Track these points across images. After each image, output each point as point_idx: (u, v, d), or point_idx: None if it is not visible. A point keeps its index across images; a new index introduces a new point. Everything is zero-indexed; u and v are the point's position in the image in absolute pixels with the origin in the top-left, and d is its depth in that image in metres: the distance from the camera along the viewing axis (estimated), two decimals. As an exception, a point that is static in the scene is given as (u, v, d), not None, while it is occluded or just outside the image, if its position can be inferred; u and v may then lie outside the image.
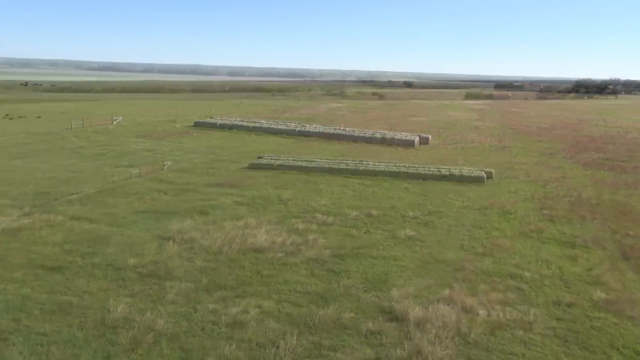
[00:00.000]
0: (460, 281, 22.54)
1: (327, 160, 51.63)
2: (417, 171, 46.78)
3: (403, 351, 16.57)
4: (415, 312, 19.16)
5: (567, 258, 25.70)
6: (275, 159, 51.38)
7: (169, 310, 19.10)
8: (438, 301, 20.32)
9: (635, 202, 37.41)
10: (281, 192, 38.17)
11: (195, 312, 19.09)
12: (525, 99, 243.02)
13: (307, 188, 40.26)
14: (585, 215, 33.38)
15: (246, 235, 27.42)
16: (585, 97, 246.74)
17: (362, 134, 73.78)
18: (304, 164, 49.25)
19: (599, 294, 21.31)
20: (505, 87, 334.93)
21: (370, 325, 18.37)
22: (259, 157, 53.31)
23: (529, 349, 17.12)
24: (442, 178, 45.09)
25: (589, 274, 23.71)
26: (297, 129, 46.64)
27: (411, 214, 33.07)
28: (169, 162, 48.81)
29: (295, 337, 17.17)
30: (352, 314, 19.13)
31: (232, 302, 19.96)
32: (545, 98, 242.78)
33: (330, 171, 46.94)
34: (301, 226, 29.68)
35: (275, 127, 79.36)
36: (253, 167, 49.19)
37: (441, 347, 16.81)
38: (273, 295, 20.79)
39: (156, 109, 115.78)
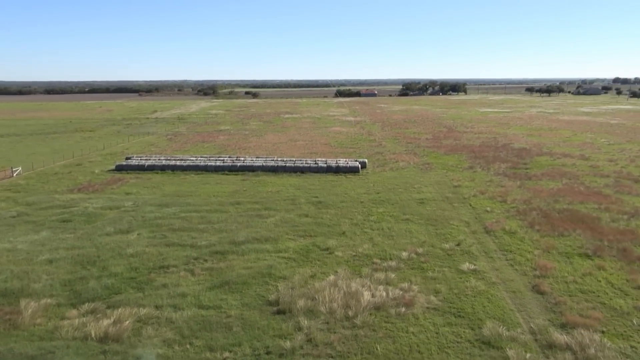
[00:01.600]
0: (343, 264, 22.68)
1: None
2: (295, 165, 46.80)
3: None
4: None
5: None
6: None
7: None
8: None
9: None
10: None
11: None
12: (390, 95, 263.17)
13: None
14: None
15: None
16: (440, 94, 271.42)
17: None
18: (176, 163, 46.59)
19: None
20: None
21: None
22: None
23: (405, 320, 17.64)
24: (318, 170, 45.64)
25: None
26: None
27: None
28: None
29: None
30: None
31: None
32: (407, 94, 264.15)
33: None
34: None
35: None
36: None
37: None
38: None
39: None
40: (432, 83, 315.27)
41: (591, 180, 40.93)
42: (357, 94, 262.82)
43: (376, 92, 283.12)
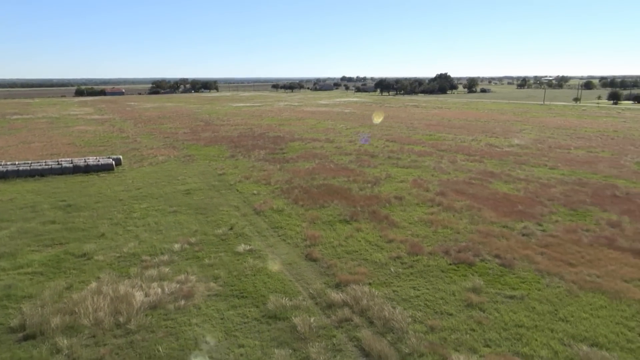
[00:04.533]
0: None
1: None
2: (32, 167, 39.49)
3: None
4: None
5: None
6: None
7: None
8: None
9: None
10: None
11: None
12: (139, 93, 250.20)
13: None
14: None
15: None
16: (193, 92, 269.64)
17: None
18: None
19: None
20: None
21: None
22: None
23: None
24: (64, 171, 39.50)
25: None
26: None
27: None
28: None
29: None
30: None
31: None
32: (158, 92, 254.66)
33: None
34: None
35: None
36: None
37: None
38: None
39: None
40: (184, 81, 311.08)
41: (338, 159, 45.57)
42: (102, 92, 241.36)
43: (124, 90, 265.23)
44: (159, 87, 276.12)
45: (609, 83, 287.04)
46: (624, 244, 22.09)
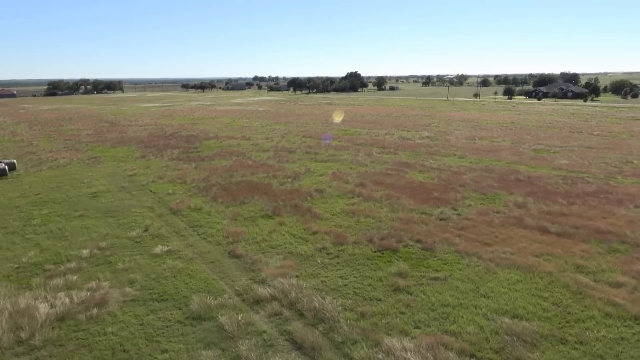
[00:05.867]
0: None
1: None
2: None
3: None
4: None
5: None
6: None
7: None
8: None
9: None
10: None
11: None
12: (34, 95, 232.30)
13: None
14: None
15: None
16: (95, 93, 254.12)
17: None
18: None
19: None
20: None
21: None
22: None
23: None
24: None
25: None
26: None
27: None
28: None
29: None
30: None
31: None
32: (55, 94, 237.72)
33: None
34: None
35: None
36: None
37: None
38: None
39: None
40: (84, 82, 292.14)
41: (256, 155, 44.73)
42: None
43: (16, 92, 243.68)
44: (57, 88, 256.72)
45: (503, 80, 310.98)
46: (531, 223, 23.58)
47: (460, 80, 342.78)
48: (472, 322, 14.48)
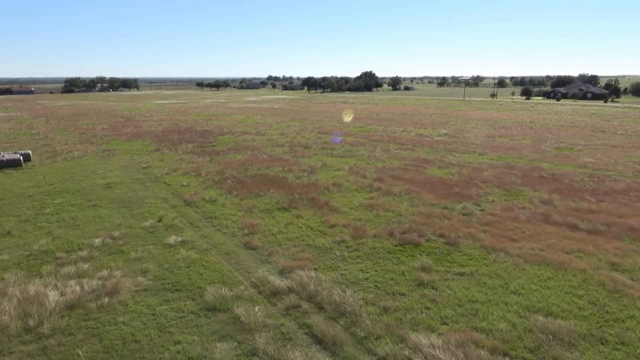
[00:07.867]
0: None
1: None
2: None
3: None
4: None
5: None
6: None
7: None
8: None
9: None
10: None
11: None
12: (51, 92, 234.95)
13: None
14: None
15: None
16: (111, 90, 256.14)
17: None
18: None
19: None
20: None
21: None
22: None
23: (121, 313, 14.24)
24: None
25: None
26: None
27: None
28: None
29: None
30: None
31: None
32: (72, 91, 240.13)
33: None
34: None
35: None
36: None
37: None
38: None
39: None
40: (101, 79, 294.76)
41: (271, 150, 44.09)
42: (9, 91, 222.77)
43: (34, 89, 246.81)
44: (73, 85, 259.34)
45: (520, 82, 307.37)
46: (559, 219, 22.53)
47: (476, 81, 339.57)
48: (503, 319, 13.58)
